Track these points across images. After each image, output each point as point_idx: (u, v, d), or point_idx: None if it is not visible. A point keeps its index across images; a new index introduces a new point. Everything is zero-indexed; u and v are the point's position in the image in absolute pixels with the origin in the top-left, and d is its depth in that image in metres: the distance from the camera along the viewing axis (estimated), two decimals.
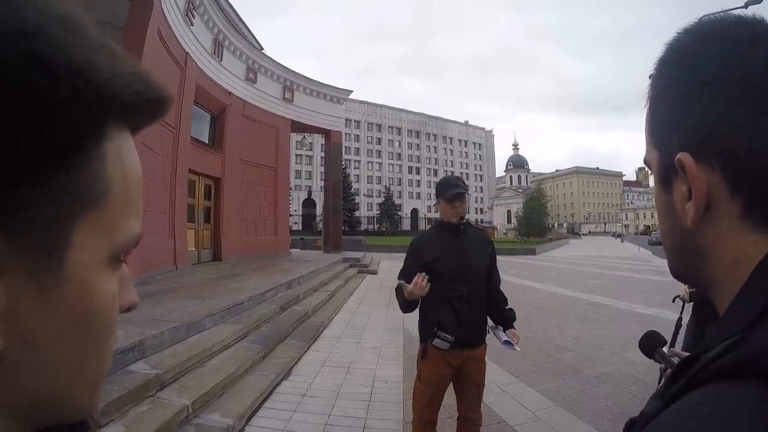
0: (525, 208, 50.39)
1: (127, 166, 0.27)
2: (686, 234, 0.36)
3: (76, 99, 0.22)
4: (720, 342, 0.28)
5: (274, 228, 14.41)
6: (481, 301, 2.29)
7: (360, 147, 78.22)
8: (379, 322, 6.47)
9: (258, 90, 13.44)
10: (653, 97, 0.39)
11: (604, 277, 13.89)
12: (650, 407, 0.31)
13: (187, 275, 8.01)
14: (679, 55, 0.37)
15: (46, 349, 0.23)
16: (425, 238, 2.45)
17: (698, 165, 0.33)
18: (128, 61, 0.26)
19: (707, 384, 0.27)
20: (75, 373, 0.26)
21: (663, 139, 0.37)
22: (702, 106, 0.33)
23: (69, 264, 0.24)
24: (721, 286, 0.35)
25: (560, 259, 23.08)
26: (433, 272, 2.19)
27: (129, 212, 0.27)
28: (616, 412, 3.36)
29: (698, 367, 0.28)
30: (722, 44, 0.34)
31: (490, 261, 2.37)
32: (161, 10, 7.80)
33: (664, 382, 0.32)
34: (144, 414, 2.76)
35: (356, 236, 29.99)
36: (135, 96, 0.25)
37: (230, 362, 3.86)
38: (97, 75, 0.22)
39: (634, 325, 6.24)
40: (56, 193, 0.22)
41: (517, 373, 4.25)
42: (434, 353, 2.21)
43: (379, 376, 4.14)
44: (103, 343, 0.27)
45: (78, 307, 0.24)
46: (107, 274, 0.26)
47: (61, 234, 0.23)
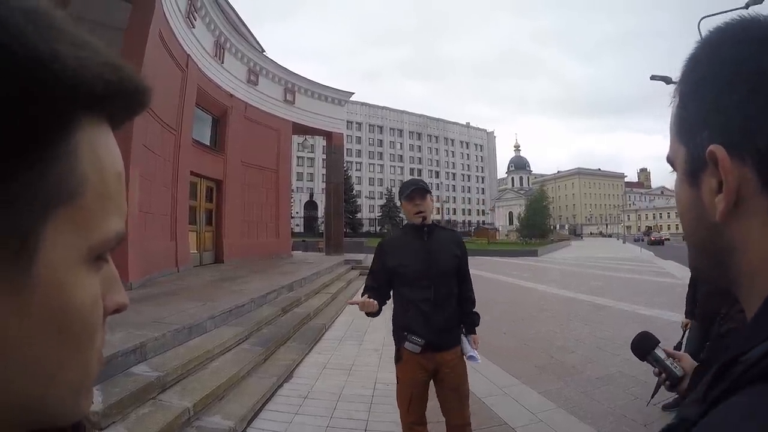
0: (527, 209, 50.35)
1: (103, 160, 0.26)
2: (713, 229, 0.36)
3: (38, 90, 0.21)
4: (760, 342, 0.28)
5: (276, 230, 14.42)
6: (450, 302, 2.25)
7: (361, 149, 78.39)
8: (381, 324, 6.40)
9: (259, 92, 13.46)
10: (684, 93, 0.39)
11: (605, 278, 13.85)
12: (690, 412, 0.30)
13: (188, 277, 8.01)
14: (715, 51, 0.36)
15: (19, 352, 0.22)
16: (391, 241, 2.43)
17: (731, 159, 0.33)
18: (101, 52, 0.25)
19: (755, 384, 0.26)
20: (55, 377, 0.24)
21: (693, 134, 0.37)
22: (737, 101, 0.33)
23: (40, 263, 0.22)
24: (749, 284, 0.34)
25: (562, 260, 23.03)
26: (398, 275, 2.22)
27: (108, 209, 0.26)
28: (618, 414, 3.34)
29: (743, 368, 0.27)
30: (759, 44, 0.34)
31: (459, 261, 2.33)
32: (162, 12, 7.83)
33: (703, 386, 0.31)
34: (145, 416, 2.76)
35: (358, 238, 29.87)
36: (105, 86, 0.24)
37: (232, 364, 3.86)
38: (62, 65, 0.21)
39: (637, 327, 6.17)
40: (22, 191, 0.21)
41: (519, 375, 4.24)
42: (408, 356, 2.20)
43: (381, 378, 4.14)
44: (84, 346, 0.26)
45: (52, 308, 0.23)
46: (85, 274, 0.25)
47: (31, 232, 0.22)
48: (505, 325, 6.55)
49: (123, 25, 6.86)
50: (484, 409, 3.41)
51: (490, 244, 35.92)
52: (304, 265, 11.27)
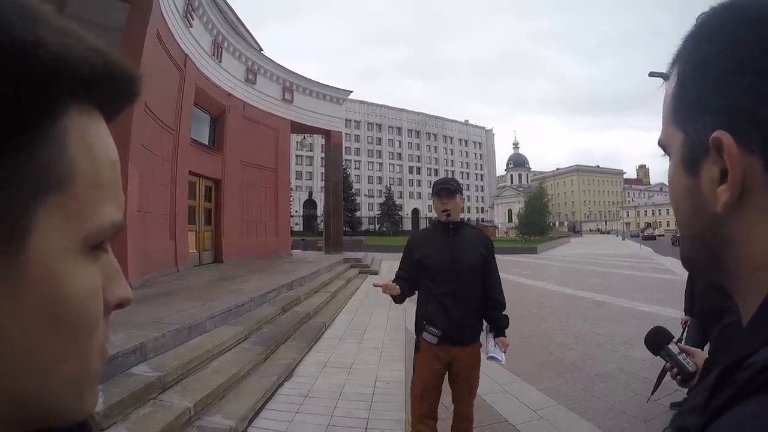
0: (526, 206, 50.34)
1: (94, 148, 0.26)
2: (712, 220, 0.34)
3: (23, 75, 0.21)
4: (764, 344, 0.26)
5: (275, 229, 14.42)
6: (471, 298, 2.32)
7: (360, 147, 78.23)
8: (381, 322, 6.47)
9: (258, 91, 13.44)
10: (682, 72, 0.36)
11: (605, 275, 13.89)
12: (689, 421, 0.29)
13: (188, 277, 8.01)
14: (718, 30, 0.34)
15: (11, 343, 0.22)
16: (419, 236, 2.59)
17: (738, 147, 0.31)
18: (85, 38, 0.25)
19: (759, 393, 0.25)
20: (50, 370, 0.24)
21: (694, 117, 0.34)
22: (744, 86, 0.31)
23: (30, 250, 0.22)
24: (748, 280, 0.33)
25: (561, 257, 23.06)
26: (423, 267, 2.34)
27: (102, 198, 0.26)
28: (618, 411, 3.36)
29: (748, 374, 0.26)
30: (765, 25, 0.31)
31: (484, 260, 2.37)
32: (160, 11, 7.81)
33: (704, 393, 0.29)
34: (146, 416, 2.76)
35: (357, 237, 29.92)
36: (90, 70, 0.24)
37: (232, 364, 3.86)
38: (46, 50, 0.22)
39: (636, 323, 6.24)
40: (10, 176, 0.21)
41: (519, 372, 4.24)
42: (425, 347, 2.30)
43: (381, 376, 4.14)
44: (82, 339, 0.25)
45: (44, 297, 0.23)
46: (80, 264, 0.25)
47: (21, 218, 0.22)
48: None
49: (120, 25, 6.84)
50: (485, 406, 3.41)
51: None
52: (303, 263, 11.27)
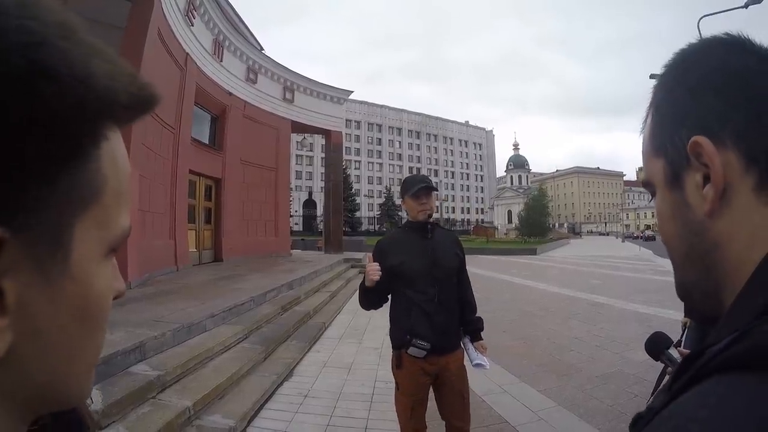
0: (526, 208, 50.37)
1: (119, 162, 0.28)
2: (698, 229, 0.36)
3: (78, 106, 0.23)
4: (727, 335, 0.28)
5: (275, 228, 14.41)
6: (452, 302, 2.18)
7: (360, 147, 78.24)
8: (381, 323, 6.43)
9: (258, 90, 13.44)
10: (656, 103, 0.40)
11: (605, 276, 13.88)
12: (657, 401, 0.31)
13: (187, 276, 8.01)
14: (683, 58, 0.39)
15: (50, 340, 0.25)
16: (391, 240, 2.30)
17: (714, 146, 0.34)
18: (121, 63, 0.27)
19: (714, 376, 0.27)
20: (74, 360, 0.27)
21: (671, 138, 0.38)
22: (710, 91, 0.35)
23: (73, 258, 0.25)
24: (733, 280, 0.34)
25: (561, 258, 23.06)
26: (400, 275, 2.12)
27: (121, 206, 0.29)
28: (618, 412, 3.35)
29: (704, 359, 0.28)
30: (720, 47, 0.37)
31: (460, 261, 2.28)
32: (161, 10, 7.81)
33: (670, 377, 0.32)
34: (145, 415, 2.76)
35: (357, 237, 29.91)
36: (129, 98, 0.26)
37: (231, 363, 3.86)
38: (97, 81, 0.24)
39: (636, 325, 6.24)
40: (60, 193, 0.24)
41: (519, 374, 4.24)
42: (409, 362, 2.09)
43: (381, 376, 4.14)
44: (100, 330, 0.29)
45: (80, 298, 0.26)
46: (104, 265, 0.28)
47: (65, 230, 0.25)
48: (505, 324, 6.56)
49: (122, 23, 6.85)
50: (484, 407, 3.41)
51: (489, 243, 35.97)
52: (303, 263, 11.27)
